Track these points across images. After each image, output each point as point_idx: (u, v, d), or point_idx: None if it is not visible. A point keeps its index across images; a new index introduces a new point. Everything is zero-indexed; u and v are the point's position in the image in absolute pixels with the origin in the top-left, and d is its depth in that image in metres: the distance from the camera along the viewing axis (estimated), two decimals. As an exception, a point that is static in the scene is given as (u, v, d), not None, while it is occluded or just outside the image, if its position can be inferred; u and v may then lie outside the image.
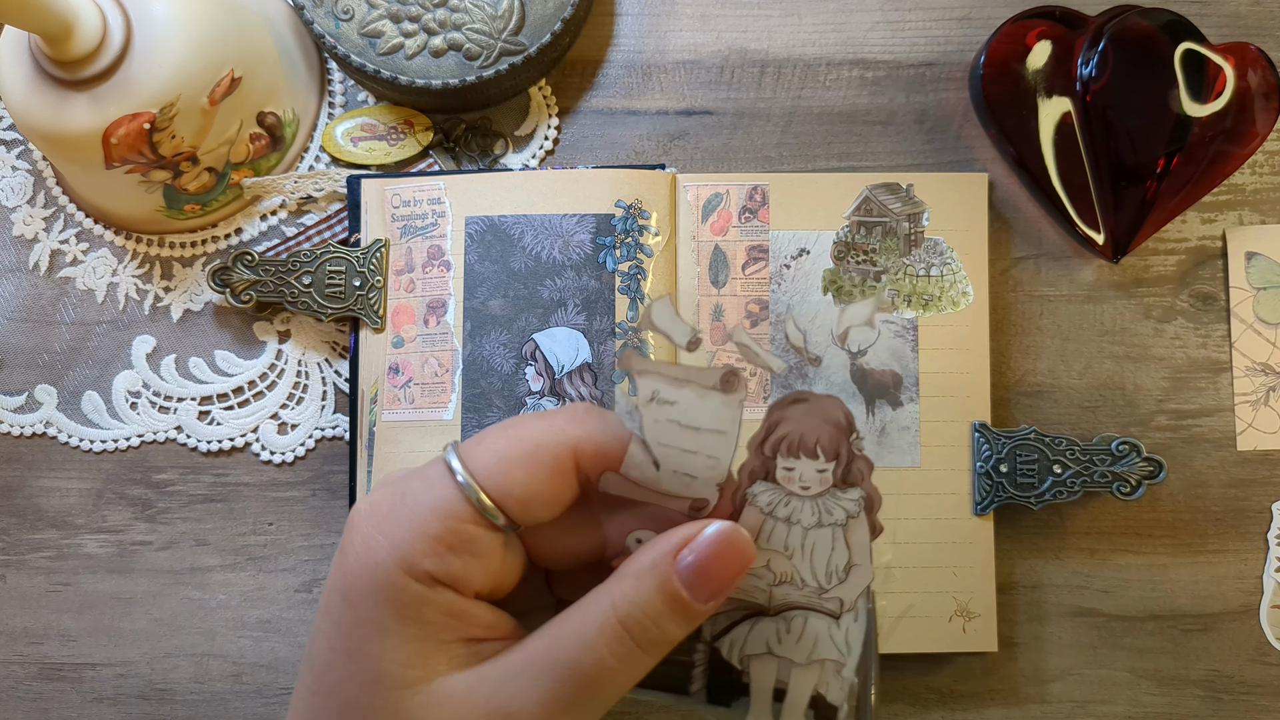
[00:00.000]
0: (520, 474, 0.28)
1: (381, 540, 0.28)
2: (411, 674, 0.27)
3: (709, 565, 0.28)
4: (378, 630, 0.27)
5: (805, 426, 0.29)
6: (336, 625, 0.28)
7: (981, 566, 0.46)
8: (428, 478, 0.29)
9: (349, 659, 0.28)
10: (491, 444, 0.29)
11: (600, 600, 0.28)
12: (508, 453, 0.28)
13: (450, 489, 0.28)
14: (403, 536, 0.28)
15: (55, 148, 0.46)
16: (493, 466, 0.28)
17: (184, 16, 0.44)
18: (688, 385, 0.28)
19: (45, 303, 0.51)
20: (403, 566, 0.27)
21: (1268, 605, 0.48)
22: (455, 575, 0.28)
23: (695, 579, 0.28)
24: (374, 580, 0.27)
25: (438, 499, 0.28)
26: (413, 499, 0.28)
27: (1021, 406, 0.49)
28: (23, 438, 0.50)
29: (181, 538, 0.49)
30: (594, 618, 0.28)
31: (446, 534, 0.28)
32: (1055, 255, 0.50)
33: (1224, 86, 0.46)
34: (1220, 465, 0.49)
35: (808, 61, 0.51)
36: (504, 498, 0.28)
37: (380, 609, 0.27)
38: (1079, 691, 0.48)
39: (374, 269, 0.48)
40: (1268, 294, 0.50)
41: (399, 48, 0.48)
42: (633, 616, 0.27)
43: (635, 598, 0.27)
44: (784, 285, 0.48)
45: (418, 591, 0.27)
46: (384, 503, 0.29)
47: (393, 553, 0.27)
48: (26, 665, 0.49)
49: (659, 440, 0.28)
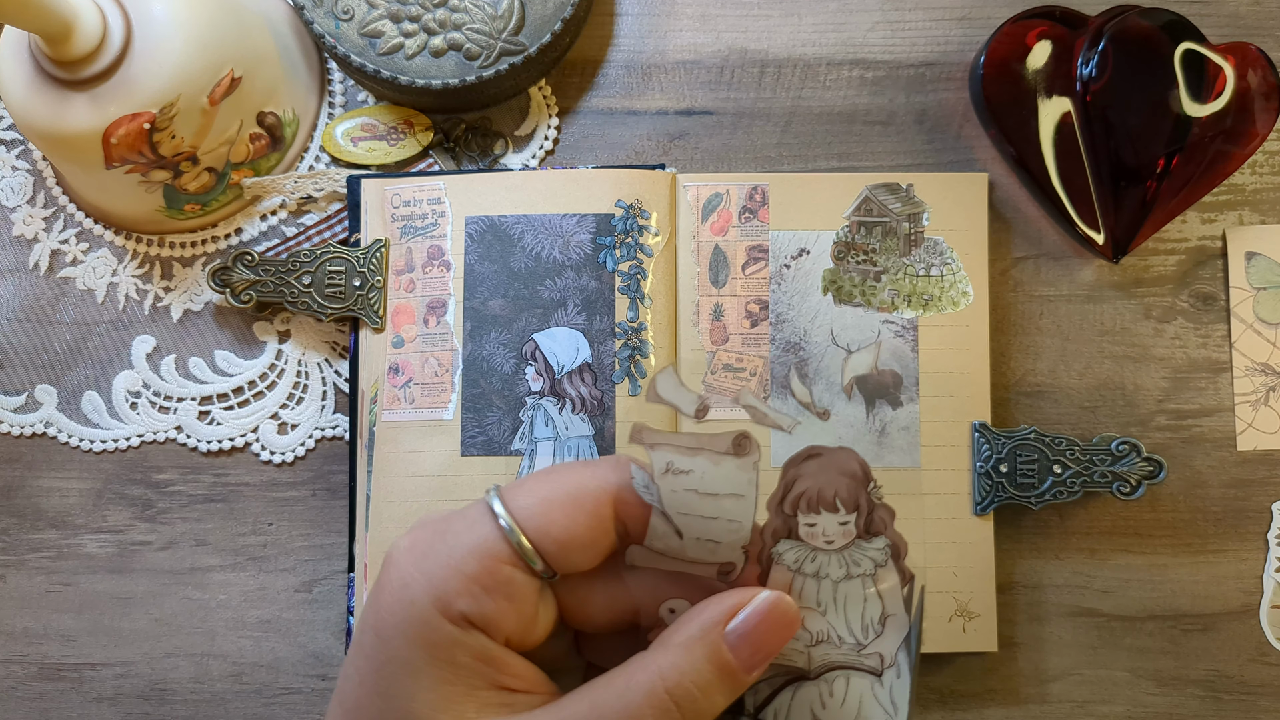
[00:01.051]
0: (560, 517, 0.28)
1: (418, 577, 0.28)
2: (442, 717, 0.27)
3: (758, 633, 0.28)
4: (409, 670, 0.27)
5: (822, 481, 0.29)
6: (368, 662, 0.28)
7: (981, 566, 0.46)
8: (468, 517, 0.29)
9: (379, 698, 0.28)
10: (533, 486, 0.29)
11: (646, 668, 0.28)
12: (549, 496, 0.29)
13: (490, 528, 0.28)
14: (439, 575, 0.27)
15: (55, 148, 0.46)
16: (533, 508, 0.28)
17: (184, 16, 0.44)
18: (700, 453, 0.28)
19: (45, 303, 0.51)
20: (437, 605, 0.27)
21: (1268, 605, 0.48)
22: (489, 617, 0.28)
23: (744, 647, 0.28)
24: (408, 618, 0.27)
25: (477, 538, 0.28)
26: (452, 537, 0.28)
27: (1021, 406, 0.49)
28: (23, 438, 0.50)
29: (181, 538, 0.49)
30: (640, 686, 0.27)
31: (483, 574, 0.27)
32: (1055, 255, 0.50)
33: (1224, 86, 0.46)
34: (1220, 465, 0.49)
35: (808, 61, 0.51)
36: (542, 539, 0.28)
37: (412, 648, 0.27)
38: (1079, 691, 0.48)
39: (374, 269, 0.48)
40: (1268, 294, 0.50)
41: (399, 48, 0.48)
42: (681, 687, 0.27)
43: (685, 668, 0.27)
44: (784, 285, 0.48)
45: (450, 633, 0.27)
46: (423, 541, 0.28)
47: (428, 591, 0.27)
48: (26, 665, 0.49)
49: (678, 510, 0.28)
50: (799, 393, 0.30)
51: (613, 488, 0.29)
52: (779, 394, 0.47)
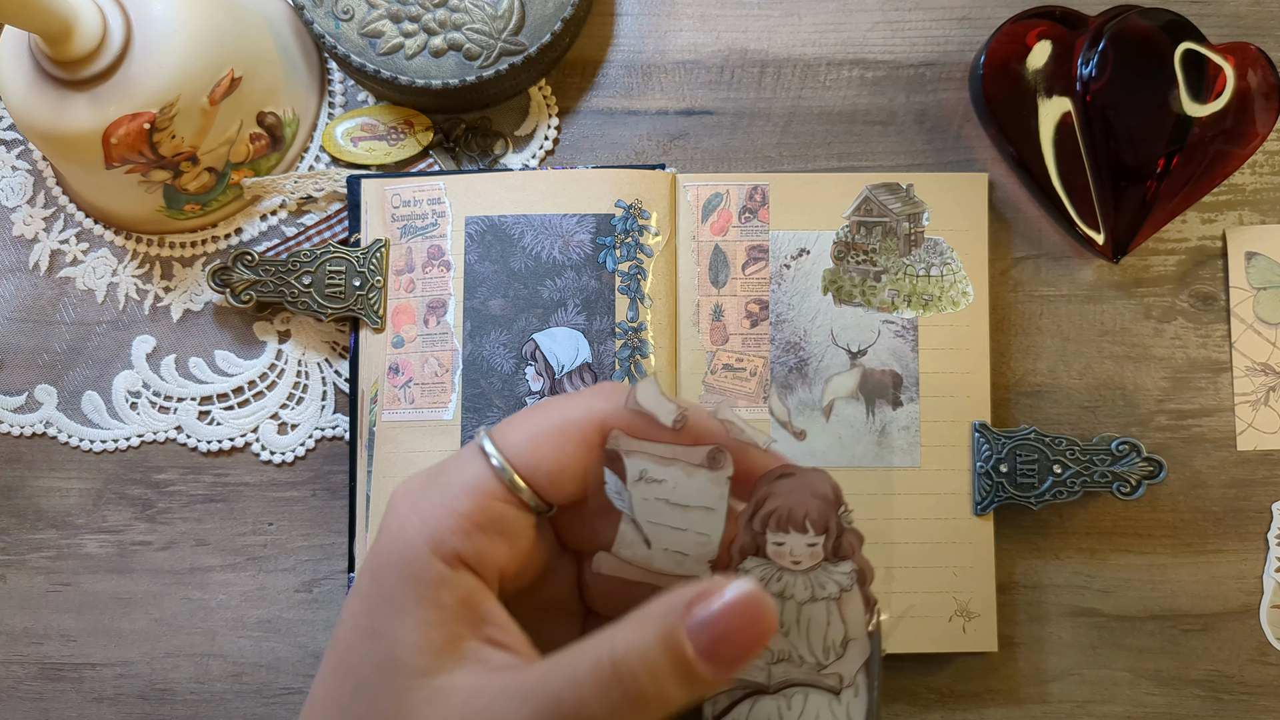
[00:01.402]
0: (549, 449, 0.29)
1: (413, 518, 0.28)
2: (420, 662, 0.27)
3: (724, 626, 0.25)
4: (396, 610, 0.27)
5: (793, 501, 0.29)
6: (362, 604, 0.28)
7: (981, 566, 0.46)
8: (461, 458, 0.29)
9: (368, 638, 0.28)
10: (521, 423, 0.29)
11: (601, 640, 0.26)
12: (537, 430, 0.29)
13: (481, 466, 0.28)
14: (433, 513, 0.28)
15: (55, 148, 0.46)
16: (522, 443, 0.29)
17: (184, 16, 0.44)
18: (675, 464, 0.29)
19: (45, 303, 0.51)
20: (430, 543, 0.27)
21: (1268, 605, 0.48)
22: (482, 554, 0.28)
23: (706, 639, 0.25)
24: (401, 557, 0.28)
25: (469, 477, 0.28)
26: (446, 479, 0.29)
27: (1021, 406, 0.49)
28: (23, 438, 0.50)
29: (181, 538, 0.49)
30: (589, 655, 0.26)
31: (476, 511, 0.28)
32: (1055, 255, 0.50)
33: (1224, 86, 0.46)
34: (1220, 465, 0.49)
35: (808, 61, 0.51)
36: (533, 473, 0.28)
37: (401, 586, 0.27)
38: (1079, 691, 0.48)
39: (374, 269, 0.48)
40: (1268, 294, 0.50)
41: (399, 48, 0.48)
42: (627, 663, 0.25)
43: (634, 642, 0.25)
44: (784, 285, 0.48)
45: (439, 571, 0.27)
46: (418, 484, 0.29)
47: (422, 529, 0.28)
48: (26, 665, 0.49)
49: (649, 518, 0.29)
50: (777, 411, 0.30)
51: (600, 415, 0.29)
52: (779, 394, 0.47)
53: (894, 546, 0.46)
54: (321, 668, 0.29)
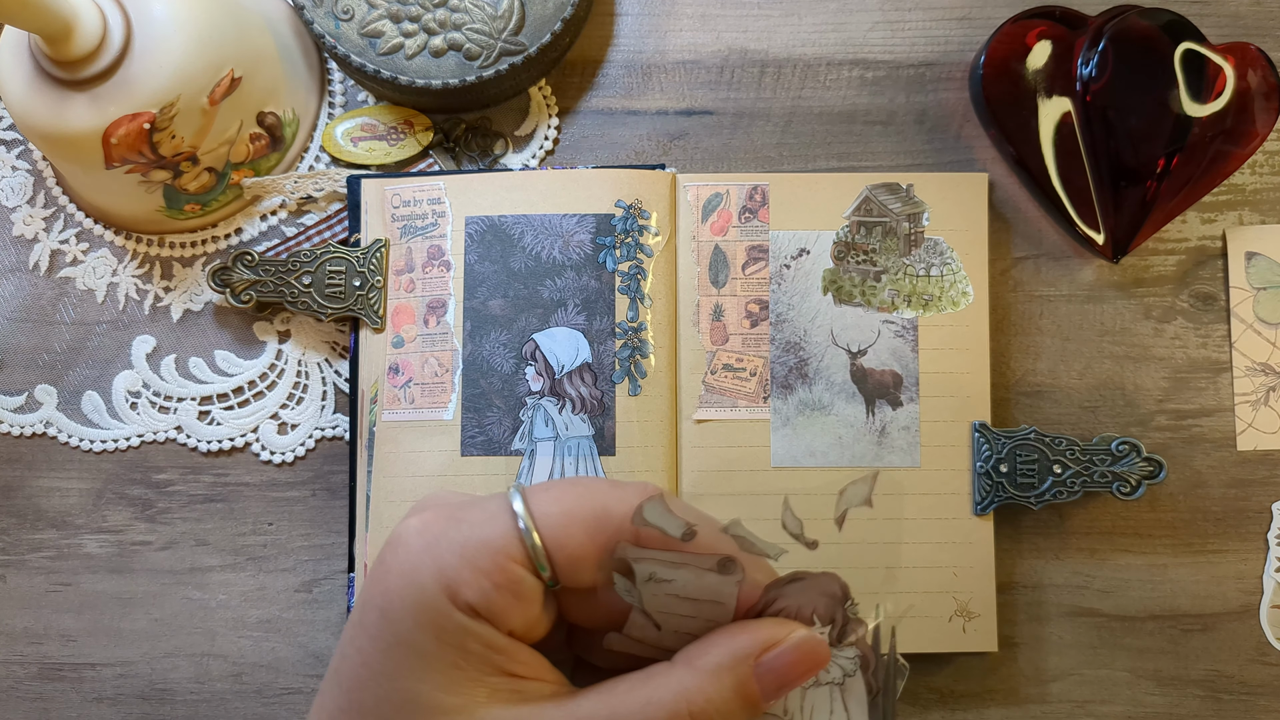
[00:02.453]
0: (579, 533, 0.28)
1: (428, 562, 0.27)
2: (450, 701, 0.27)
3: (788, 671, 0.28)
4: (416, 654, 0.27)
5: (803, 600, 0.29)
6: (373, 642, 0.28)
7: (981, 566, 0.46)
8: (487, 510, 0.28)
9: (384, 679, 0.27)
10: (559, 495, 0.29)
11: (670, 686, 0.28)
12: (573, 510, 0.28)
13: (507, 527, 0.28)
14: (450, 563, 0.27)
15: (55, 148, 0.46)
16: (554, 517, 0.28)
17: (184, 16, 0.44)
18: (684, 568, 0.29)
19: (45, 303, 0.51)
20: (446, 593, 0.27)
21: (1268, 605, 0.48)
22: (495, 612, 0.27)
23: (771, 681, 0.28)
24: (417, 602, 0.27)
25: (493, 534, 0.28)
26: (467, 527, 0.28)
27: (1021, 406, 0.49)
28: (23, 438, 0.50)
29: (181, 538, 0.49)
30: (663, 704, 0.27)
31: (494, 570, 0.27)
32: (1055, 255, 0.50)
33: (1224, 86, 0.46)
34: (1220, 465, 0.49)
35: (808, 61, 0.51)
36: (557, 551, 0.28)
37: (421, 632, 0.27)
38: (1079, 691, 0.48)
39: (374, 269, 0.48)
40: (1268, 294, 0.50)
41: (399, 48, 0.48)
42: (705, 714, 0.27)
43: (712, 694, 0.27)
44: (784, 285, 0.48)
45: (460, 621, 0.27)
46: (435, 525, 0.28)
47: (438, 577, 0.27)
48: (26, 665, 0.49)
49: (658, 609, 0.29)
50: (789, 524, 0.30)
51: None
52: (779, 394, 0.47)
53: (894, 546, 0.46)
54: (323, 702, 0.29)
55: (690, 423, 0.47)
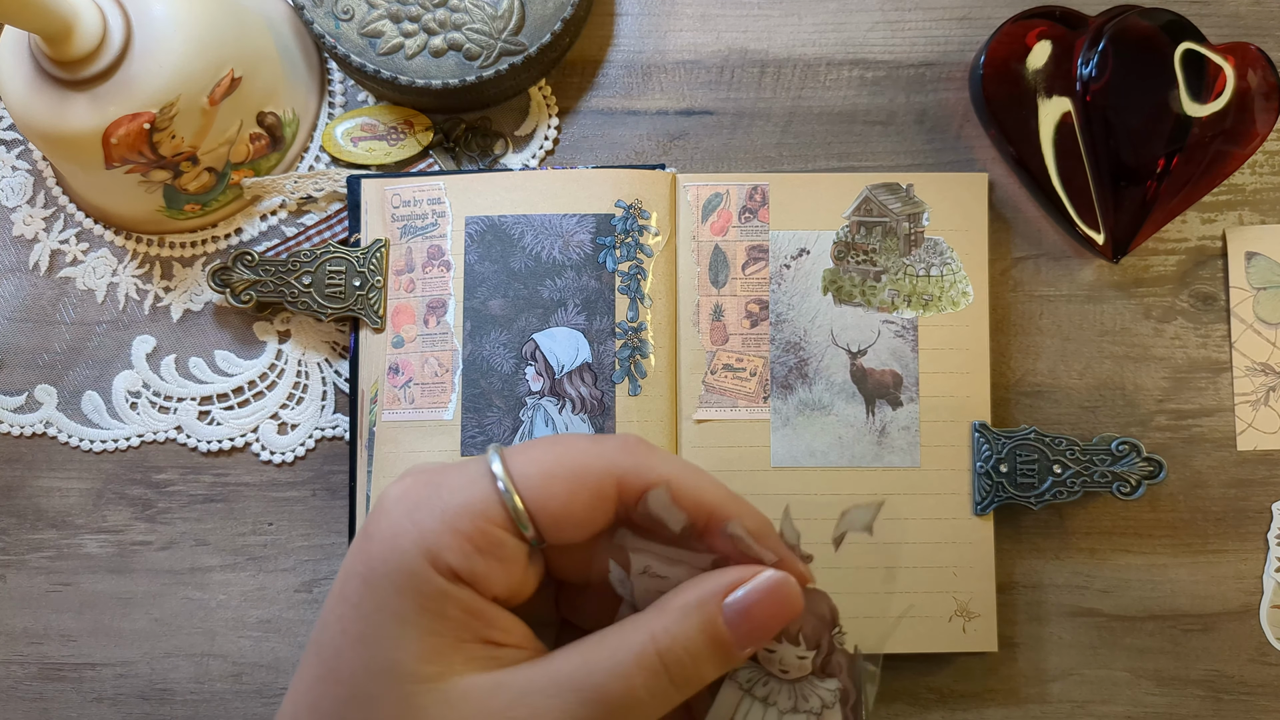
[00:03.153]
0: (560, 491, 0.28)
1: (409, 528, 0.27)
2: (427, 669, 0.27)
3: (756, 610, 0.28)
4: (396, 619, 0.27)
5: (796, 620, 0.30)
6: (354, 609, 0.27)
7: (981, 566, 0.46)
8: (467, 474, 0.28)
9: (362, 646, 0.27)
10: (538, 455, 0.29)
11: (639, 630, 0.28)
12: (552, 468, 0.28)
13: (488, 490, 0.28)
14: (431, 527, 0.27)
15: (55, 148, 0.46)
16: (534, 477, 0.28)
17: (184, 16, 0.44)
18: (680, 565, 0.29)
19: (45, 303, 0.51)
20: (427, 557, 0.27)
21: (1268, 605, 0.48)
22: (478, 575, 0.27)
23: (740, 622, 0.28)
24: (398, 567, 0.27)
25: (473, 497, 0.28)
26: (447, 492, 0.28)
27: (1021, 406, 0.49)
28: (23, 438, 0.50)
29: (181, 538, 0.49)
30: (631, 646, 0.27)
31: (476, 533, 0.27)
32: (1055, 255, 0.50)
33: (1224, 86, 0.46)
34: (1220, 465, 0.49)
35: (808, 61, 0.51)
36: (539, 511, 0.28)
37: (401, 597, 0.27)
38: (1079, 691, 0.48)
39: (374, 269, 0.48)
40: (1268, 294, 0.50)
41: (399, 48, 0.48)
42: (673, 652, 0.27)
43: (677, 633, 0.27)
44: (784, 285, 0.48)
45: (440, 585, 0.27)
46: (416, 491, 0.28)
47: (419, 542, 0.27)
48: (26, 665, 0.49)
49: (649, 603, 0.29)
50: (788, 535, 0.30)
51: (618, 470, 0.29)
52: (779, 394, 0.47)
53: (894, 546, 0.46)
54: (302, 673, 0.28)
55: (690, 423, 0.47)
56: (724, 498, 0.30)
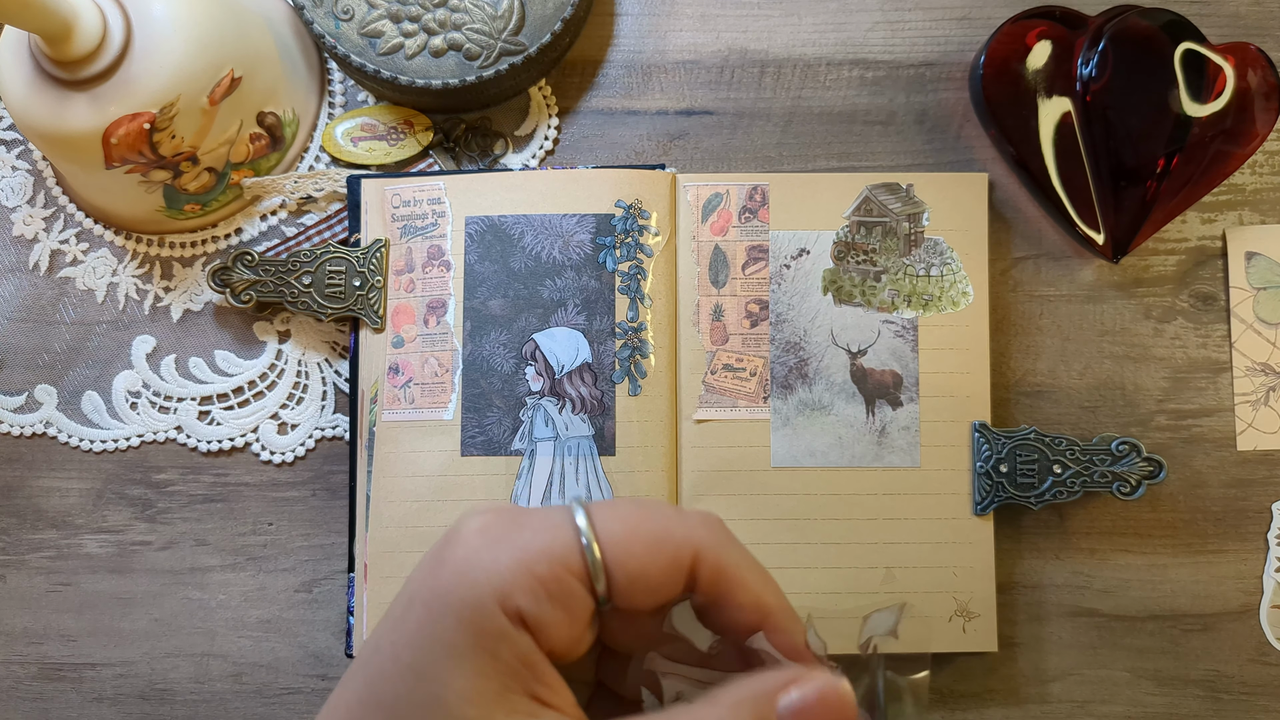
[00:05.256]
0: (641, 552, 0.28)
1: (484, 561, 0.27)
2: (470, 711, 0.27)
3: (811, 715, 0.28)
4: (450, 653, 0.27)
5: None
6: (409, 636, 0.27)
7: (981, 566, 0.46)
8: (550, 520, 0.28)
9: (411, 674, 0.27)
10: (623, 514, 0.29)
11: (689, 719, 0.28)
12: (636, 529, 0.28)
13: (569, 538, 0.28)
14: (506, 565, 0.27)
15: (55, 148, 0.46)
16: (617, 535, 0.28)
17: (184, 16, 0.44)
18: (710, 689, 0.29)
19: (45, 303, 0.51)
20: (497, 595, 0.27)
21: (1268, 605, 0.48)
22: (543, 623, 0.27)
23: None
24: (464, 599, 0.27)
25: (553, 543, 0.28)
26: (529, 532, 0.28)
27: (1021, 406, 0.49)
28: (23, 438, 0.50)
29: (181, 538, 0.49)
30: None
31: (551, 579, 0.27)
32: (1055, 255, 0.50)
33: (1224, 86, 0.46)
34: (1220, 465, 0.49)
35: (808, 61, 0.51)
36: (617, 568, 0.28)
37: (461, 631, 0.27)
38: (1079, 691, 0.48)
39: (374, 269, 0.48)
40: (1268, 294, 0.50)
41: (399, 48, 0.48)
42: None
43: None
44: (784, 285, 0.48)
45: (502, 625, 0.27)
46: (497, 527, 0.28)
47: (491, 578, 0.27)
48: (26, 665, 0.49)
49: None
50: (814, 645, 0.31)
51: (698, 543, 0.29)
52: (779, 394, 0.47)
53: (894, 546, 0.46)
54: (349, 689, 0.28)
55: (690, 423, 0.47)
56: (781, 607, 0.30)
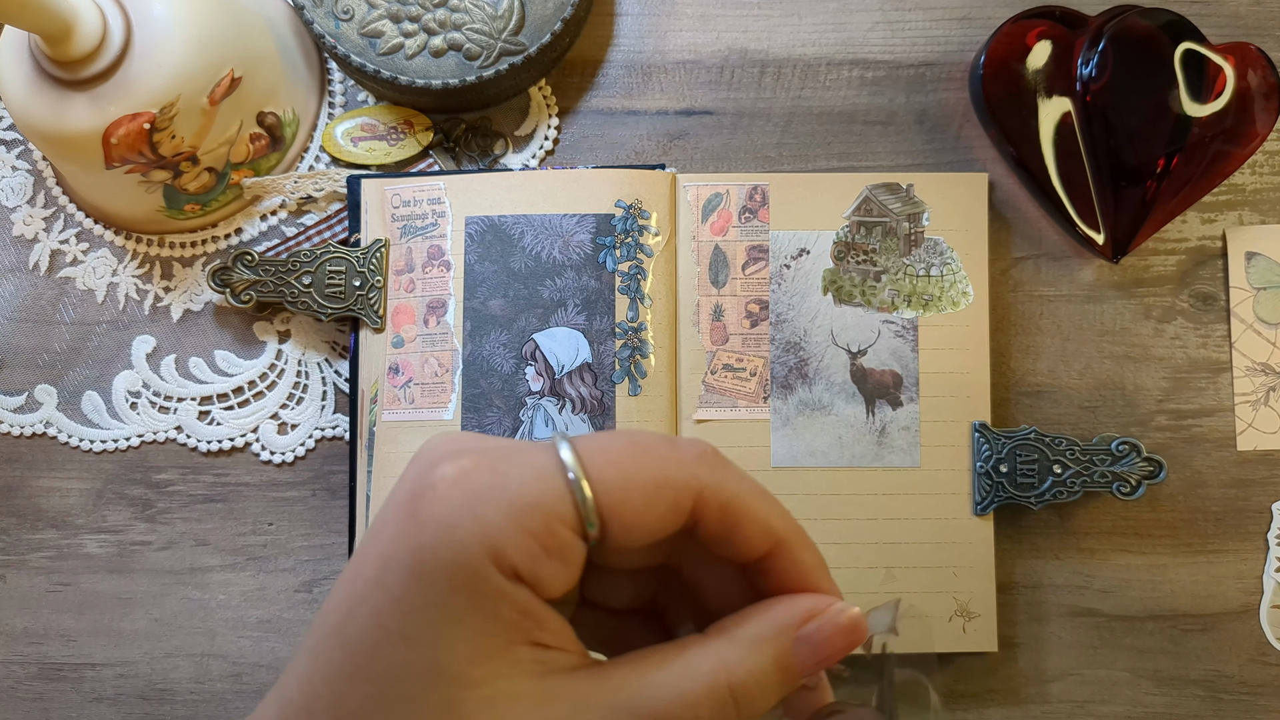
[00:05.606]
0: (639, 500, 0.26)
1: (469, 519, 0.25)
2: (474, 672, 0.25)
3: (830, 645, 0.27)
4: (446, 617, 0.25)
5: None
6: (395, 603, 0.25)
7: (981, 566, 0.46)
8: (536, 465, 0.26)
9: (404, 645, 0.25)
10: (617, 456, 0.26)
11: (706, 658, 0.27)
12: (633, 473, 0.26)
13: (559, 485, 0.26)
14: (496, 523, 0.25)
15: (55, 148, 0.46)
16: (613, 480, 0.26)
17: (184, 16, 0.44)
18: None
19: (45, 303, 0.51)
20: (490, 554, 0.25)
21: (1268, 605, 0.48)
22: (541, 577, 0.26)
23: (810, 654, 0.27)
24: (454, 561, 0.25)
25: (544, 494, 0.25)
26: (515, 482, 0.26)
27: (1021, 406, 0.49)
28: (23, 438, 0.50)
29: (181, 538, 0.49)
30: (701, 675, 0.26)
31: (545, 534, 0.25)
32: (1055, 255, 0.50)
33: (1224, 86, 0.46)
34: (1220, 465, 0.49)
35: (808, 61, 0.51)
36: (613, 518, 0.26)
37: (454, 595, 0.25)
38: (1079, 691, 0.48)
39: (374, 269, 0.48)
40: (1268, 294, 0.50)
41: (399, 48, 0.48)
42: (745, 686, 0.26)
43: (751, 666, 0.27)
44: (784, 285, 0.48)
45: (499, 584, 0.25)
46: (476, 476, 0.26)
47: (481, 537, 0.25)
48: (26, 665, 0.49)
49: None
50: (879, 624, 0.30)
51: (698, 484, 0.27)
52: (779, 394, 0.47)
53: (894, 546, 0.46)
54: (320, 659, 0.26)
55: (690, 423, 0.47)
56: (791, 530, 0.28)
